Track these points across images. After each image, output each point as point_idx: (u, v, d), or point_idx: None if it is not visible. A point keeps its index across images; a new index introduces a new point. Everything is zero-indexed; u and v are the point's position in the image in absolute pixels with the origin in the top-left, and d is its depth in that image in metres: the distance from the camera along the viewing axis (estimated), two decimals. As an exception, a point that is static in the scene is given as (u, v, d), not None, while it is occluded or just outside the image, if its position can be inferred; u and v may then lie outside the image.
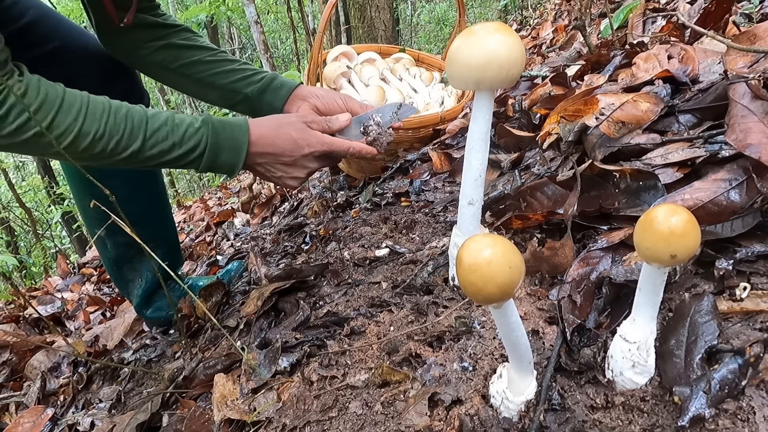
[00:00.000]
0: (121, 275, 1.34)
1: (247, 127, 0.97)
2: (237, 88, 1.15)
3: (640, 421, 0.56)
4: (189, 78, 1.16)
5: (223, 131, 0.96)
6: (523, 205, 0.97)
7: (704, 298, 0.62)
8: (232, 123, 0.98)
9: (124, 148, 0.88)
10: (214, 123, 0.96)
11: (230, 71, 1.15)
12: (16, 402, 1.36)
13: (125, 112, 0.89)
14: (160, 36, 1.13)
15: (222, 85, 1.15)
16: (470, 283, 0.46)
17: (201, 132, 0.94)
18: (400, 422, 0.65)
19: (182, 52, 1.14)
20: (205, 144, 0.94)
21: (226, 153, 0.96)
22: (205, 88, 1.17)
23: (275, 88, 1.15)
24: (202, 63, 1.14)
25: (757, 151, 0.68)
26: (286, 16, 8.10)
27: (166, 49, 1.13)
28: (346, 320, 0.94)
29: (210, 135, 0.95)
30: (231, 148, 0.96)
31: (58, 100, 0.82)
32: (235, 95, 1.16)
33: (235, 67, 1.16)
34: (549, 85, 1.47)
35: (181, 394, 1.00)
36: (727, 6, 1.24)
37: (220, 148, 0.96)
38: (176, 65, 1.14)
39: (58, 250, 6.24)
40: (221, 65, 1.15)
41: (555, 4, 4.58)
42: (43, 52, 1.07)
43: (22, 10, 1.05)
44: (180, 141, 0.92)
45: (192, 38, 1.16)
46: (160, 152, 0.91)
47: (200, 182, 10.07)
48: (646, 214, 0.48)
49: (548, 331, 0.72)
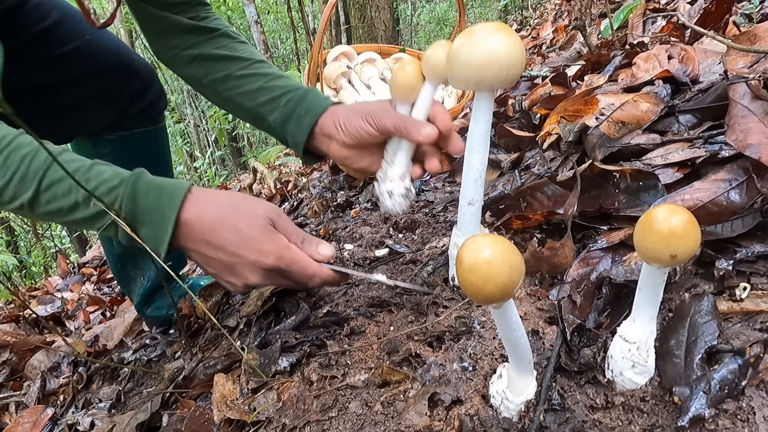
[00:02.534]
0: (124, 273, 1.34)
1: (181, 200, 0.75)
2: (262, 113, 1.01)
3: (640, 422, 0.56)
4: (220, 96, 1.05)
5: (146, 198, 0.74)
6: (523, 205, 0.97)
7: (704, 299, 0.62)
8: (164, 188, 0.76)
9: (11, 198, 0.71)
10: (139, 185, 0.75)
11: (258, 90, 1.00)
12: (16, 402, 1.36)
13: (24, 153, 0.71)
14: (193, 43, 1.02)
15: (249, 108, 1.02)
16: (470, 283, 0.46)
17: (115, 192, 0.74)
18: (400, 422, 0.65)
19: (214, 65, 1.02)
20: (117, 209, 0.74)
21: (146, 227, 0.75)
22: (236, 108, 1.05)
23: (298, 116, 0.95)
24: (232, 79, 1.02)
25: (757, 151, 0.68)
26: (286, 16, 8.11)
27: (198, 61, 1.03)
28: (346, 320, 0.94)
29: (126, 198, 0.74)
30: (152, 222, 0.75)
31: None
32: (262, 121, 1.02)
33: (263, 84, 1.00)
34: (549, 85, 1.47)
35: (181, 394, 1.00)
36: (727, 6, 1.24)
37: (138, 219, 0.75)
38: (207, 80, 1.04)
39: (58, 249, 6.24)
40: (250, 82, 1.01)
41: (555, 4, 4.58)
42: (64, 51, 1.06)
43: (45, 11, 1.04)
44: (86, 200, 0.72)
45: (228, 46, 1.04)
46: (59, 210, 0.73)
47: (200, 182, 10.08)
48: (646, 215, 0.48)
49: (548, 331, 0.72)
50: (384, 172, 0.91)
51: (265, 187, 2.89)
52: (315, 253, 0.82)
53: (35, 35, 1.03)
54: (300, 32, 7.93)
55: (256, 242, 0.76)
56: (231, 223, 0.76)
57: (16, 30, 1.00)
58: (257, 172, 2.74)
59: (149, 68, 1.22)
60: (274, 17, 11.62)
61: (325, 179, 2.15)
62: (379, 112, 0.85)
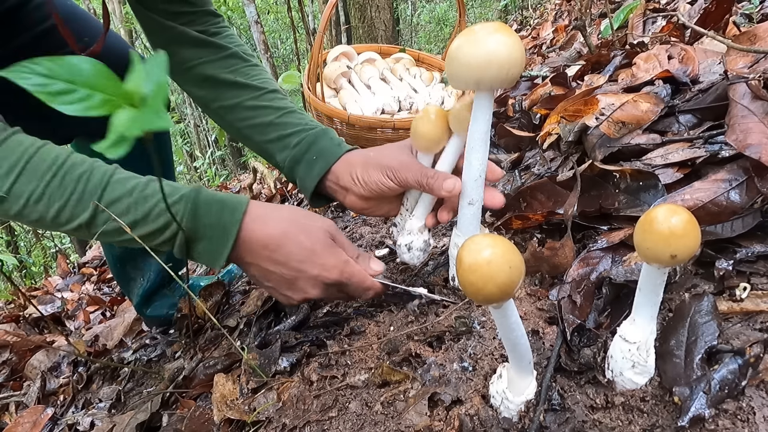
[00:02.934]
0: (124, 273, 1.34)
1: (242, 214, 0.74)
2: (271, 151, 0.96)
3: (640, 422, 0.56)
4: (228, 124, 1.00)
5: (208, 214, 0.73)
6: (523, 205, 0.97)
7: (704, 299, 0.62)
8: (224, 203, 0.75)
9: (69, 219, 0.70)
10: (199, 200, 0.73)
11: (268, 126, 0.95)
12: (16, 402, 1.36)
13: (81, 173, 0.70)
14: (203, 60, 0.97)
15: (258, 142, 0.97)
16: (470, 283, 0.46)
17: (176, 209, 0.73)
18: (400, 422, 0.65)
19: (224, 91, 0.97)
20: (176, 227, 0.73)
21: (205, 242, 0.74)
22: (242, 139, 1.01)
23: (309, 161, 0.91)
24: (241, 108, 0.97)
25: (757, 151, 0.68)
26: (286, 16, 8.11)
27: (210, 83, 0.98)
28: (346, 320, 0.94)
29: (188, 215, 0.73)
30: (212, 237, 0.74)
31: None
32: (270, 158, 0.98)
33: (274, 119, 0.95)
34: (549, 85, 1.47)
35: (181, 394, 1.00)
36: (727, 6, 1.24)
37: (199, 234, 0.73)
38: (215, 106, 0.99)
39: (58, 249, 6.24)
40: (261, 115, 0.96)
41: (555, 4, 4.58)
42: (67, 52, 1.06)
43: (47, 12, 1.02)
44: (146, 217, 0.71)
45: (240, 71, 0.98)
46: (117, 229, 0.71)
47: (200, 182, 10.07)
48: (646, 215, 0.48)
49: (548, 331, 0.72)
50: (402, 222, 0.90)
51: (265, 187, 2.89)
52: (368, 268, 0.82)
53: (37, 35, 1.02)
54: (300, 32, 7.93)
55: (319, 257, 0.77)
56: (294, 238, 0.76)
57: (17, 30, 1.00)
58: (257, 172, 2.74)
59: None
60: (274, 17, 11.62)
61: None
62: (400, 167, 0.82)
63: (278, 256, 0.76)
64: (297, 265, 0.76)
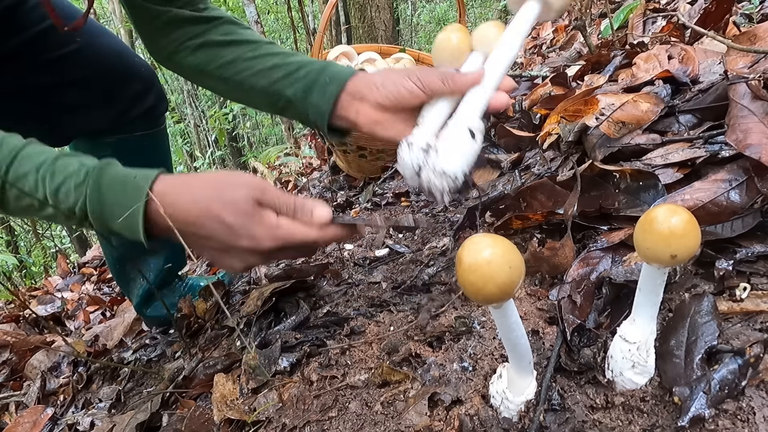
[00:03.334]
0: (123, 273, 1.34)
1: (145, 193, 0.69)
2: (279, 89, 0.93)
3: (640, 422, 0.56)
4: (228, 82, 0.98)
5: (109, 192, 0.69)
6: (523, 205, 0.97)
7: (704, 299, 0.62)
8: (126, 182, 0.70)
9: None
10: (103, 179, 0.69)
11: (272, 68, 0.94)
12: (15, 402, 1.36)
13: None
14: (197, 33, 0.98)
15: (264, 87, 0.95)
16: (470, 283, 0.46)
17: (81, 189, 0.68)
18: (400, 422, 0.65)
19: (220, 50, 0.97)
20: (83, 206, 0.69)
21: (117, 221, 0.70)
22: (247, 92, 0.98)
23: (322, 84, 0.88)
24: (242, 61, 0.96)
25: (757, 151, 0.68)
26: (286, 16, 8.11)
27: (204, 48, 0.98)
28: (346, 320, 0.94)
29: (90, 194, 0.69)
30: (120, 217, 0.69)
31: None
32: (278, 99, 0.94)
33: (277, 62, 0.94)
34: (549, 85, 1.47)
35: (181, 394, 1.00)
36: (727, 6, 1.24)
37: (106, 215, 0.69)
38: (214, 67, 0.98)
39: (58, 249, 6.24)
40: (262, 62, 0.95)
41: (555, 4, 4.56)
42: (64, 53, 1.05)
43: (44, 12, 1.01)
44: (54, 197, 0.68)
45: (233, 31, 0.99)
46: (30, 207, 0.69)
47: (200, 182, 10.05)
48: (646, 215, 0.48)
49: (548, 331, 0.72)
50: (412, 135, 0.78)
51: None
52: (310, 222, 0.75)
53: (34, 36, 1.02)
54: (300, 32, 7.93)
55: (245, 229, 0.71)
56: (214, 215, 0.70)
57: (14, 30, 1.00)
58: (257, 172, 2.74)
59: (150, 70, 1.21)
60: (274, 17, 11.62)
61: (325, 179, 2.15)
62: (423, 69, 0.80)
63: (203, 233, 0.72)
64: (225, 240, 0.72)
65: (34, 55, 1.02)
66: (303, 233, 0.73)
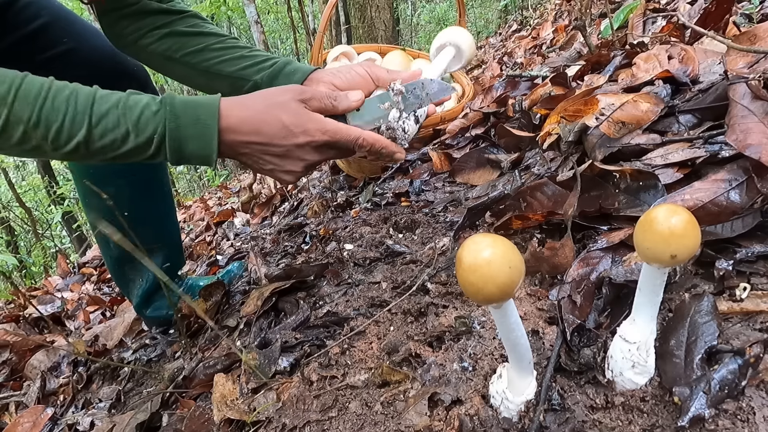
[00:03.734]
0: (122, 274, 1.34)
1: (217, 108, 0.79)
2: (246, 75, 1.03)
3: (640, 422, 0.56)
4: (194, 68, 1.05)
5: (185, 113, 0.78)
6: (523, 205, 0.97)
7: (704, 299, 0.62)
8: (197, 102, 0.79)
9: (68, 138, 0.74)
10: (176, 104, 0.78)
11: (239, 58, 1.04)
12: (15, 401, 1.36)
13: (68, 94, 0.73)
14: (163, 23, 1.04)
15: (230, 72, 1.03)
16: (470, 283, 0.46)
17: (159, 116, 0.77)
18: (400, 422, 0.65)
19: (188, 39, 1.04)
20: (163, 131, 0.77)
21: (192, 141, 0.78)
22: (211, 78, 1.06)
23: (288, 73, 1.01)
24: (209, 50, 1.04)
25: (757, 151, 0.68)
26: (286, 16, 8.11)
27: (171, 37, 1.04)
28: (346, 320, 0.94)
29: (168, 118, 0.77)
30: (197, 135, 0.78)
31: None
32: (243, 83, 1.04)
33: (244, 53, 1.04)
34: (549, 85, 1.47)
35: (181, 393, 1.00)
36: (727, 6, 1.24)
37: (183, 136, 0.78)
38: (181, 54, 1.04)
39: (58, 249, 6.24)
40: (229, 52, 1.04)
41: (555, 4, 4.58)
42: (56, 53, 1.06)
43: (36, 12, 1.04)
44: (135, 127, 0.75)
45: (199, 24, 1.06)
46: (113, 142, 0.76)
47: (200, 182, 10.07)
48: (646, 215, 0.48)
49: (548, 331, 0.72)
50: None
51: (265, 186, 2.89)
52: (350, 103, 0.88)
53: (25, 36, 1.02)
54: (300, 32, 7.93)
55: (299, 126, 0.82)
56: (273, 118, 0.81)
57: (5, 30, 1.00)
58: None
59: (143, 71, 1.21)
60: (274, 17, 11.62)
61: (325, 179, 2.15)
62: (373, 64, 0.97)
63: (262, 138, 0.81)
64: (283, 142, 0.82)
65: (28, 55, 1.02)
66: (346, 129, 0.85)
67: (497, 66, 3.43)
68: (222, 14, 7.44)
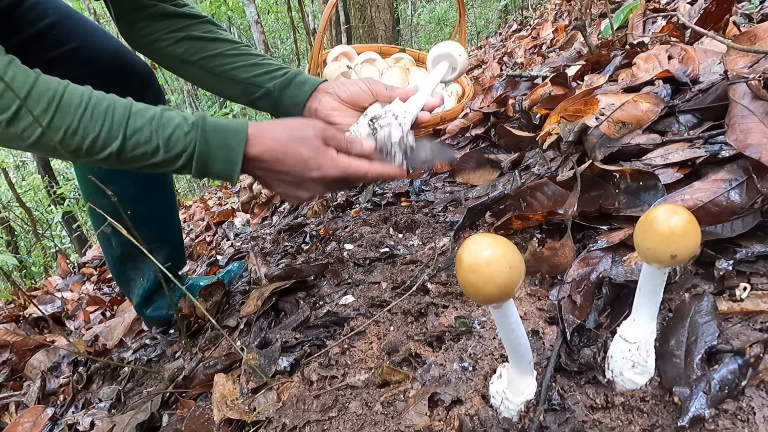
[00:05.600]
0: (123, 273, 1.34)
1: (245, 136, 0.85)
2: (259, 82, 1.09)
3: (640, 422, 0.56)
4: (209, 72, 1.10)
5: (215, 138, 0.84)
6: (523, 205, 0.97)
7: (704, 299, 0.62)
8: (228, 128, 0.85)
9: (102, 148, 0.79)
10: (207, 127, 0.84)
11: (253, 65, 1.09)
12: (15, 401, 1.36)
13: (106, 107, 0.79)
14: (180, 27, 1.08)
15: (243, 79, 1.09)
16: (470, 283, 0.46)
17: (190, 137, 0.83)
18: (400, 422, 0.65)
19: (203, 44, 1.09)
20: (192, 150, 0.83)
21: (218, 163, 0.85)
22: (225, 83, 1.11)
23: (299, 83, 1.07)
24: (224, 56, 1.09)
25: (757, 151, 0.68)
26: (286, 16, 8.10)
27: (187, 41, 1.08)
28: (346, 320, 0.94)
29: (198, 141, 0.83)
30: (223, 158, 0.85)
31: (26, 87, 0.74)
32: (256, 90, 1.09)
33: (257, 61, 1.10)
34: (549, 85, 1.47)
35: (181, 393, 1.00)
36: (727, 6, 1.24)
37: (211, 158, 0.84)
38: (196, 58, 1.09)
39: (58, 249, 6.24)
40: (243, 59, 1.09)
41: (555, 4, 4.58)
42: (62, 52, 1.07)
43: (42, 11, 1.05)
44: (166, 144, 0.81)
45: (214, 30, 1.11)
46: (143, 155, 0.81)
47: (200, 182, 10.06)
48: (647, 215, 0.48)
49: (548, 331, 0.72)
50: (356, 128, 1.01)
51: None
52: (362, 150, 0.94)
53: (33, 35, 1.03)
54: (300, 32, 7.93)
55: (315, 162, 0.88)
56: (294, 151, 0.87)
57: (12, 30, 1.01)
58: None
59: (148, 69, 1.22)
60: (275, 17, 11.62)
61: (325, 179, 2.14)
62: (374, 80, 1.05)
63: (282, 167, 0.88)
64: (299, 173, 0.88)
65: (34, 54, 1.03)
66: (357, 165, 0.92)
67: (497, 66, 3.44)
68: (222, 14, 7.45)
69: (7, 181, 6.41)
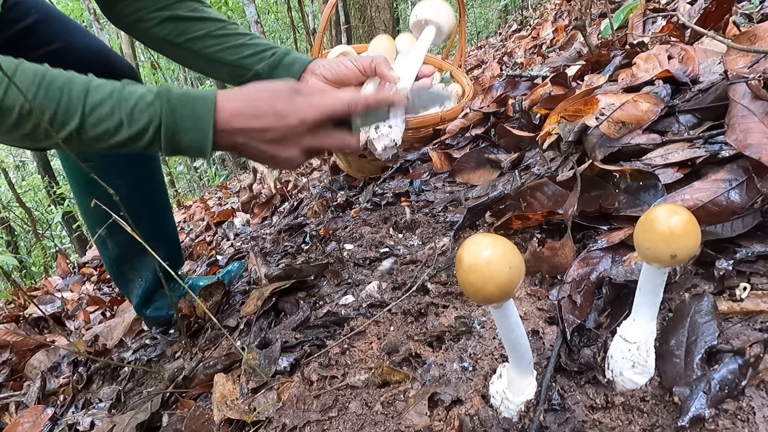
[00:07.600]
0: (121, 274, 1.34)
1: (213, 101, 0.80)
2: (247, 64, 1.06)
3: (640, 422, 0.56)
4: (196, 54, 1.07)
5: (182, 107, 0.79)
6: (523, 205, 0.97)
7: (704, 299, 0.62)
8: (194, 96, 0.81)
9: (60, 126, 0.74)
10: (172, 96, 0.79)
11: (240, 46, 1.06)
12: (15, 402, 1.36)
13: (62, 83, 0.73)
14: (164, 5, 1.05)
15: (231, 61, 1.06)
16: (470, 283, 0.46)
17: (154, 107, 0.77)
18: (400, 422, 0.65)
19: (189, 24, 1.06)
20: (159, 123, 0.77)
21: (189, 133, 0.79)
22: (212, 64, 1.09)
23: (287, 64, 1.05)
24: (210, 37, 1.06)
25: (757, 151, 0.68)
26: (286, 16, 8.10)
27: (171, 21, 1.05)
28: (346, 320, 0.94)
29: (164, 111, 0.78)
30: (193, 128, 0.79)
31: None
32: (244, 72, 1.07)
33: (245, 41, 1.07)
34: (549, 85, 1.47)
35: (181, 393, 1.00)
36: (727, 6, 1.24)
37: (180, 128, 0.79)
38: (182, 39, 1.06)
39: (58, 249, 6.24)
40: (230, 39, 1.06)
41: (555, 4, 4.58)
42: (46, 52, 1.05)
43: (24, 11, 1.04)
44: (129, 118, 0.76)
45: (199, 9, 1.08)
46: (106, 131, 0.76)
47: (200, 182, 10.07)
48: (647, 215, 0.48)
49: (548, 331, 0.72)
50: None
51: (265, 187, 2.89)
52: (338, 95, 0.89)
53: (15, 35, 1.02)
54: (300, 32, 7.93)
55: (291, 107, 0.83)
56: (266, 104, 0.83)
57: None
58: (257, 172, 2.74)
59: (132, 70, 1.21)
60: (275, 17, 11.62)
61: (325, 179, 2.15)
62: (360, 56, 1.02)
63: (258, 124, 0.83)
64: (278, 125, 0.83)
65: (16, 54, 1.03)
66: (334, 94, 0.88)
67: (497, 66, 3.44)
68: (222, 14, 7.45)
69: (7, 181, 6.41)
